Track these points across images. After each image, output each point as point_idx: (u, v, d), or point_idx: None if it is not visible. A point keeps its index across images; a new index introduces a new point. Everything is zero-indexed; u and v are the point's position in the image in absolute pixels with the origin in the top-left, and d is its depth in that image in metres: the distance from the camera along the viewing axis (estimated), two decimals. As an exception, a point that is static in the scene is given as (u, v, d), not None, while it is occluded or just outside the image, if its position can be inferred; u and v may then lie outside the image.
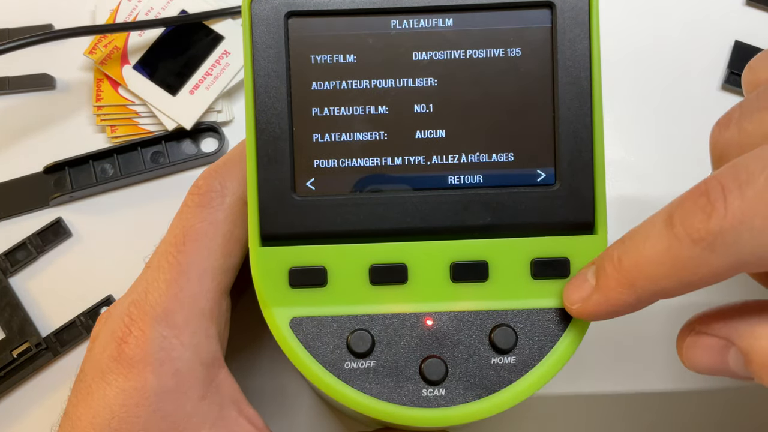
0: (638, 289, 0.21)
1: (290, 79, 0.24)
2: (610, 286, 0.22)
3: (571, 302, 0.24)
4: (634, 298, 0.21)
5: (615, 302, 0.22)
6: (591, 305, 0.23)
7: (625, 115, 0.39)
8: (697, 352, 0.21)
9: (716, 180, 0.19)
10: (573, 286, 0.24)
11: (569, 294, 0.24)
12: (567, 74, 0.24)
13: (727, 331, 0.21)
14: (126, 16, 0.40)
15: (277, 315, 0.25)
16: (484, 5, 0.24)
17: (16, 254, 0.37)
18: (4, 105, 0.40)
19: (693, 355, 0.21)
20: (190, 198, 0.27)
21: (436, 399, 0.24)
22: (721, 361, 0.21)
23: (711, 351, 0.21)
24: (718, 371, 0.21)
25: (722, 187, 0.19)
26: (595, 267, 0.23)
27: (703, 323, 0.21)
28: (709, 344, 0.21)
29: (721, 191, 0.19)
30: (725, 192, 0.19)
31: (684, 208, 0.20)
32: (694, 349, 0.21)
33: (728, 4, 0.41)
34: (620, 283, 0.21)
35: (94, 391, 0.25)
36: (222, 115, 0.39)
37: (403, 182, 0.25)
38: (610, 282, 0.22)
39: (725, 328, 0.21)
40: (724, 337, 0.21)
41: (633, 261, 0.21)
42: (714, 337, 0.21)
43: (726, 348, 0.21)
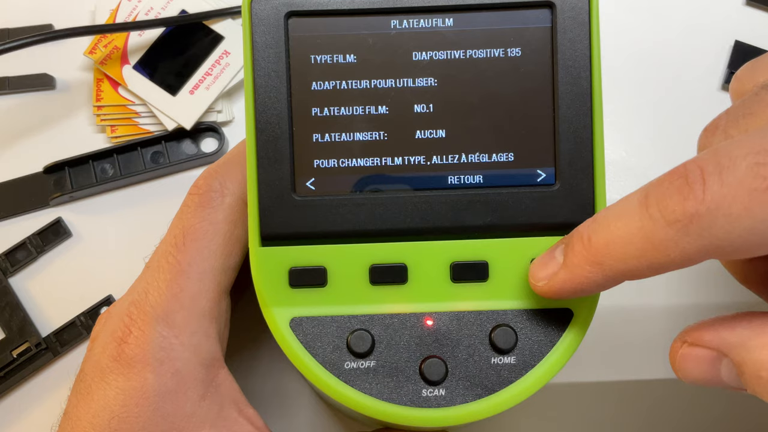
0: (605, 268, 0.21)
1: (290, 79, 0.24)
2: (578, 263, 0.21)
3: (536, 279, 0.23)
4: (601, 277, 0.21)
5: (581, 280, 0.21)
6: (557, 282, 0.22)
7: (625, 115, 0.39)
8: (689, 364, 0.21)
9: (696, 163, 0.19)
10: (540, 262, 0.23)
11: (535, 271, 0.23)
12: (567, 74, 0.24)
13: (719, 342, 0.20)
14: (126, 16, 0.40)
15: (277, 315, 0.25)
16: (484, 5, 0.24)
17: (16, 254, 0.37)
18: (4, 105, 0.40)
19: (685, 366, 0.21)
20: (190, 198, 0.27)
21: (436, 399, 0.24)
22: (714, 373, 0.21)
23: (703, 363, 0.21)
24: (711, 382, 0.21)
25: (701, 171, 0.19)
26: (563, 245, 0.23)
27: (695, 335, 0.21)
28: (701, 356, 0.21)
29: (701, 175, 0.19)
30: (705, 175, 0.19)
31: (661, 189, 0.20)
32: (686, 361, 0.21)
33: (728, 4, 0.41)
34: (588, 261, 0.21)
35: (94, 391, 0.25)
36: (222, 115, 0.39)
37: (403, 182, 0.25)
38: (578, 260, 0.21)
39: (717, 340, 0.20)
40: (716, 349, 0.20)
41: (603, 239, 0.21)
42: (706, 349, 0.21)
43: (718, 360, 0.20)
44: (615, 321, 0.35)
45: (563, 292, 0.22)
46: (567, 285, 0.22)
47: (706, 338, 0.21)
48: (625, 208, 0.20)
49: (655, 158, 0.38)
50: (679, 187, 0.19)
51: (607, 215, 0.21)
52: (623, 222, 0.20)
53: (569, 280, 0.22)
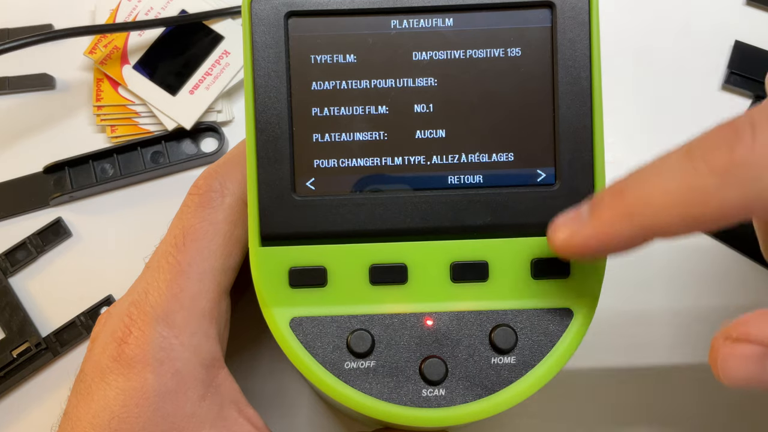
0: (635, 220, 0.19)
1: (290, 79, 0.24)
2: (607, 218, 0.20)
3: (556, 236, 0.21)
4: (629, 231, 0.19)
5: (609, 235, 0.20)
6: (579, 237, 0.21)
7: (625, 115, 0.39)
8: (734, 363, 0.19)
9: (747, 117, 0.18)
10: (563, 219, 0.22)
11: (558, 227, 0.21)
12: (567, 74, 0.24)
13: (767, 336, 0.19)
14: (126, 16, 0.40)
15: (277, 315, 0.25)
16: (484, 5, 0.24)
17: (16, 254, 0.37)
18: (4, 105, 0.40)
19: (730, 366, 0.19)
20: (190, 198, 0.27)
21: (436, 399, 0.24)
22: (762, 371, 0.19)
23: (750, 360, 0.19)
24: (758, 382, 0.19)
25: (752, 122, 0.18)
26: (591, 203, 0.21)
27: (740, 330, 0.19)
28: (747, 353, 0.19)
29: (750, 125, 0.18)
30: (755, 126, 0.18)
31: (707, 140, 0.19)
32: (731, 360, 0.19)
33: (728, 4, 0.41)
34: (617, 212, 0.20)
35: (94, 392, 0.25)
36: (222, 115, 0.39)
37: (403, 182, 0.25)
38: (606, 212, 0.20)
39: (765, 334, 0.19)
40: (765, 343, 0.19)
41: (638, 192, 0.19)
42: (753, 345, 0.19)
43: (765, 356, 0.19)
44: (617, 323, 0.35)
45: (587, 249, 0.21)
46: (591, 241, 0.20)
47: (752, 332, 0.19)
48: (664, 163, 0.19)
49: (655, 158, 0.38)
50: (727, 136, 0.18)
51: (644, 170, 0.20)
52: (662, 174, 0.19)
53: (593, 235, 0.20)
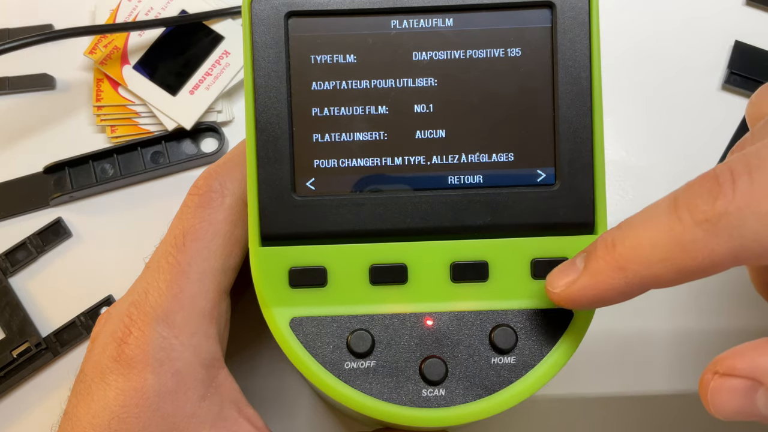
0: (629, 274, 0.20)
1: (290, 79, 0.24)
2: (600, 269, 0.21)
3: (553, 286, 0.22)
4: (624, 284, 0.20)
5: (602, 287, 0.21)
6: (576, 289, 0.21)
7: (625, 115, 0.39)
8: (723, 397, 0.20)
9: (726, 166, 0.19)
10: (559, 270, 0.23)
11: (554, 278, 0.23)
12: (567, 74, 0.24)
13: (754, 369, 0.19)
14: (126, 16, 0.40)
15: (277, 315, 0.25)
16: (484, 5, 0.24)
17: (16, 254, 0.37)
18: (4, 105, 0.40)
19: (719, 400, 0.20)
20: (190, 198, 0.27)
21: (436, 399, 0.24)
22: (750, 404, 0.19)
23: (738, 394, 0.19)
24: (747, 415, 0.20)
25: (731, 172, 0.19)
26: (585, 253, 0.22)
27: (727, 364, 0.20)
28: (735, 387, 0.19)
29: (730, 175, 0.19)
30: (734, 176, 0.18)
31: (690, 191, 0.19)
32: (719, 394, 0.20)
33: (728, 4, 0.41)
34: (611, 266, 0.20)
35: (94, 392, 0.25)
36: (222, 115, 0.39)
37: (403, 182, 0.25)
38: (600, 265, 0.21)
39: (751, 367, 0.19)
40: (751, 377, 0.19)
41: (628, 244, 0.20)
42: (740, 378, 0.19)
43: (753, 389, 0.19)
44: (619, 322, 0.35)
45: (582, 300, 0.22)
46: (587, 291, 0.21)
47: (739, 366, 0.19)
48: (652, 213, 0.20)
49: (655, 158, 0.38)
50: (710, 188, 0.19)
51: (634, 221, 0.21)
52: (651, 226, 0.20)
53: (590, 287, 0.21)
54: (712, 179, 0.19)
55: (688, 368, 0.34)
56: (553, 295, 0.23)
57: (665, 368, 0.34)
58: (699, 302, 0.36)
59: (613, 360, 0.35)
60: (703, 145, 0.39)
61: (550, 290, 0.23)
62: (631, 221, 0.21)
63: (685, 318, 0.35)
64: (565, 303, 0.22)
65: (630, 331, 0.35)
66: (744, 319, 0.35)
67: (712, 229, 0.18)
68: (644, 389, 0.34)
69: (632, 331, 0.35)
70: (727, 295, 0.28)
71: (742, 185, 0.18)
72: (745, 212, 0.18)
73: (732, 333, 0.35)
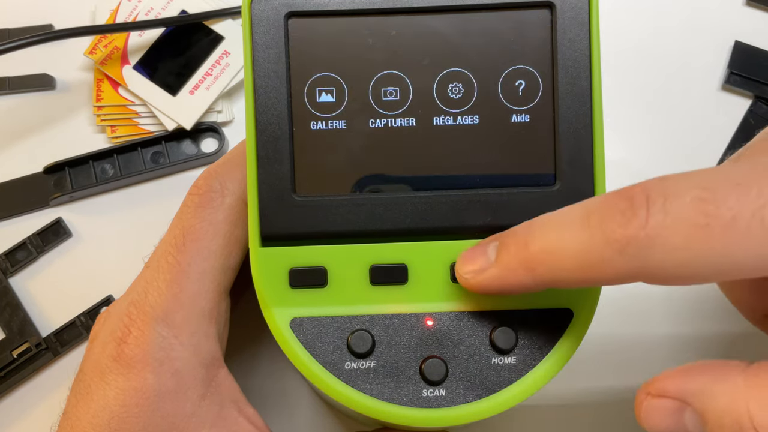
0: (538, 275, 0.21)
1: (290, 79, 0.24)
2: (511, 265, 0.22)
3: (464, 271, 0.23)
4: (532, 282, 0.22)
5: (511, 281, 0.22)
6: (486, 278, 0.23)
7: (625, 115, 0.39)
8: (654, 416, 0.21)
9: (642, 188, 0.19)
10: (469, 255, 0.24)
11: (463, 263, 0.24)
12: (567, 74, 0.24)
13: (681, 391, 0.20)
14: (126, 16, 0.40)
15: (278, 315, 0.25)
16: (484, 5, 0.24)
17: (16, 254, 0.37)
18: (4, 105, 0.40)
19: (650, 418, 0.21)
20: (190, 198, 0.27)
21: (437, 399, 0.24)
22: (679, 424, 0.21)
23: (667, 414, 0.21)
24: None
25: (647, 197, 0.19)
26: (497, 243, 0.23)
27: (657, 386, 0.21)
28: (664, 407, 0.21)
29: (645, 201, 0.19)
30: (649, 202, 0.19)
31: (605, 209, 0.20)
32: (651, 413, 0.21)
33: (728, 4, 0.41)
34: (521, 265, 0.22)
35: (94, 391, 0.25)
36: (222, 115, 0.39)
37: (403, 182, 0.25)
38: (511, 261, 0.22)
39: (678, 389, 0.20)
40: (679, 398, 0.20)
41: (539, 246, 0.21)
42: (669, 399, 0.21)
43: (681, 410, 0.20)
44: (617, 326, 0.35)
45: (490, 289, 0.23)
46: (495, 282, 0.22)
47: (669, 388, 0.21)
48: (565, 220, 0.21)
49: (655, 158, 0.38)
50: (623, 210, 0.19)
51: (547, 223, 0.22)
52: (563, 233, 0.21)
53: (499, 279, 0.22)
54: (627, 200, 0.19)
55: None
56: (461, 278, 0.24)
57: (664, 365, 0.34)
58: (697, 307, 0.36)
59: (611, 365, 0.35)
60: (703, 145, 0.39)
61: (460, 274, 0.24)
62: (545, 222, 0.22)
63: (683, 323, 0.35)
64: (472, 288, 0.23)
65: (628, 336, 0.35)
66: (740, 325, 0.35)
67: (621, 250, 0.19)
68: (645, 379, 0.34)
69: (630, 336, 0.35)
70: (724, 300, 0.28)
71: (655, 213, 0.19)
72: (655, 241, 0.19)
73: (728, 338, 0.35)
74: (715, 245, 0.18)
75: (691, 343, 0.35)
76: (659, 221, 0.19)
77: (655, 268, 0.19)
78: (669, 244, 0.18)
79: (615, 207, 0.20)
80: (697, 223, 0.18)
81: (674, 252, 0.18)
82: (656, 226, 0.19)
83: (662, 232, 0.19)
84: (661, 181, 0.19)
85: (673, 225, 0.18)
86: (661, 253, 0.19)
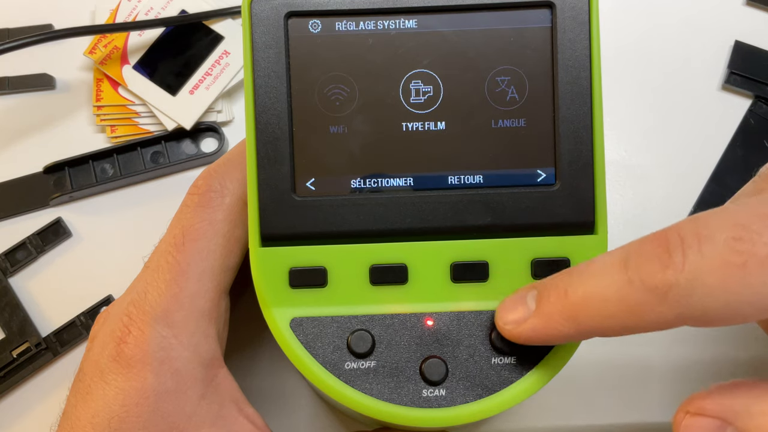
0: (580, 324, 0.21)
1: (290, 79, 0.24)
2: (551, 315, 0.22)
3: (504, 321, 0.23)
4: (574, 331, 0.21)
5: (552, 332, 0.22)
6: (526, 329, 0.23)
7: (625, 115, 0.39)
8: None
9: (677, 232, 0.19)
10: (509, 305, 0.24)
11: (504, 313, 0.24)
12: (567, 74, 0.24)
13: (722, 410, 0.20)
14: (126, 16, 0.40)
15: (278, 315, 0.25)
16: (484, 5, 0.24)
17: (16, 254, 0.37)
18: (4, 105, 0.40)
19: None
20: (190, 198, 0.27)
21: (437, 399, 0.24)
22: None
23: None
24: None
25: (682, 241, 0.19)
26: (536, 292, 0.23)
27: (697, 404, 0.21)
28: (704, 426, 0.20)
29: (681, 244, 0.19)
30: (684, 246, 0.19)
31: (642, 254, 0.20)
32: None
33: (728, 4, 0.41)
34: (562, 314, 0.21)
35: (94, 391, 0.25)
36: (222, 115, 0.39)
37: (403, 182, 0.25)
38: (553, 311, 0.22)
39: (720, 408, 0.20)
40: (720, 417, 0.20)
41: (580, 295, 0.21)
42: (709, 418, 0.20)
43: (722, 429, 0.20)
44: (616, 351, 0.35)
45: (532, 340, 0.23)
46: (537, 333, 0.22)
47: (708, 407, 0.20)
48: (604, 267, 0.21)
49: (655, 158, 0.38)
50: (660, 254, 0.19)
51: (585, 271, 0.21)
52: (602, 281, 0.21)
53: (540, 330, 0.22)
54: (662, 245, 0.19)
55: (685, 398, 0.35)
56: (503, 329, 0.24)
57: (662, 398, 0.34)
58: (698, 332, 0.35)
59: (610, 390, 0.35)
60: (703, 145, 0.39)
61: (501, 325, 0.24)
62: (584, 271, 0.22)
63: (684, 347, 0.35)
64: (513, 339, 0.23)
65: (627, 360, 0.35)
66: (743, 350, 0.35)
67: (661, 297, 0.19)
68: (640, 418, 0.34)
69: (630, 360, 0.35)
70: None
71: (691, 257, 0.19)
72: (694, 284, 0.19)
73: (730, 363, 0.35)
74: (754, 282, 0.18)
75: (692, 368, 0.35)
76: (696, 264, 0.19)
77: (698, 312, 0.19)
78: (708, 287, 0.18)
79: (651, 252, 0.20)
80: (733, 262, 0.18)
81: (714, 294, 0.18)
82: (693, 269, 0.19)
83: (700, 275, 0.19)
84: (693, 222, 0.20)
85: (711, 267, 0.18)
86: (701, 296, 0.19)
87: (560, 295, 0.22)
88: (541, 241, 0.25)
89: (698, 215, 0.20)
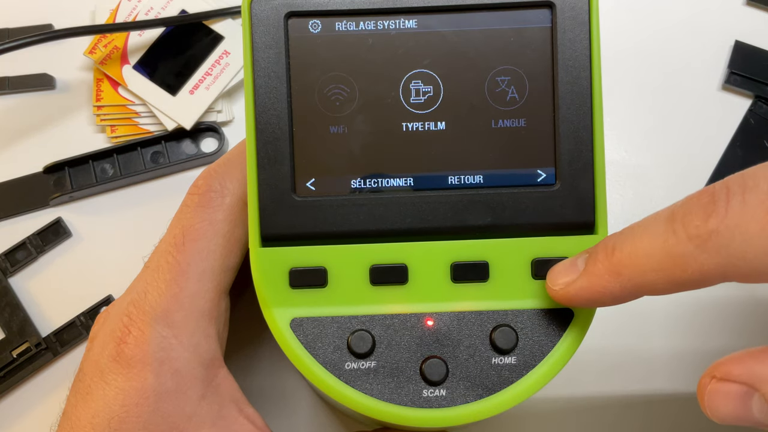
0: (624, 279, 0.21)
1: (290, 79, 0.24)
2: (598, 272, 0.22)
3: (554, 284, 0.23)
4: (619, 287, 0.21)
5: (598, 289, 0.22)
6: (574, 289, 0.23)
7: (625, 115, 0.39)
8: (719, 400, 0.20)
9: (724, 184, 0.20)
10: (561, 268, 0.24)
11: (555, 276, 0.24)
12: (567, 74, 0.24)
13: (749, 376, 0.20)
14: (126, 16, 0.40)
15: (278, 315, 0.25)
16: (484, 5, 0.24)
17: (16, 254, 0.37)
18: (4, 105, 0.40)
19: (715, 403, 0.20)
20: (190, 198, 0.27)
21: (437, 399, 0.24)
22: (745, 410, 0.20)
23: (733, 398, 0.20)
24: (742, 420, 0.20)
25: (727, 191, 0.19)
26: (587, 254, 0.23)
27: (724, 369, 0.20)
28: (731, 391, 0.20)
29: (726, 194, 0.19)
30: (729, 195, 0.19)
31: (687, 206, 0.20)
32: (716, 397, 0.20)
33: (728, 4, 0.41)
34: (607, 270, 0.21)
35: (94, 391, 0.25)
36: (222, 115, 0.39)
37: (403, 182, 0.25)
38: (598, 268, 0.22)
39: (747, 374, 0.20)
40: (746, 383, 0.20)
41: (626, 250, 0.21)
42: (735, 384, 0.20)
43: (749, 395, 0.20)
44: (620, 323, 0.35)
45: (578, 300, 0.23)
46: (583, 292, 0.22)
47: (735, 372, 0.20)
48: (651, 223, 0.21)
49: (655, 158, 0.38)
50: (705, 204, 0.19)
51: (634, 228, 0.21)
52: (648, 235, 0.21)
53: (586, 288, 0.22)
54: (709, 195, 0.20)
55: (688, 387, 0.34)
56: (552, 291, 0.24)
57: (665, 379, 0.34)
58: (698, 322, 0.35)
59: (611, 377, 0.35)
60: (703, 145, 0.39)
61: (550, 287, 0.24)
62: (633, 228, 0.21)
63: (684, 338, 0.35)
64: (562, 301, 0.23)
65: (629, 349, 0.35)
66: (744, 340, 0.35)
67: (702, 245, 0.19)
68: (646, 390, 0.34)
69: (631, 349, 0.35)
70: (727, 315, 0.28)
71: (734, 205, 0.19)
72: (734, 232, 0.19)
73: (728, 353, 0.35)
74: None
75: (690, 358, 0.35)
76: (738, 212, 0.19)
77: (738, 260, 0.19)
78: (749, 234, 0.18)
79: (697, 203, 0.20)
80: None
81: (754, 241, 0.18)
82: (735, 216, 0.19)
83: (742, 222, 0.19)
84: (741, 175, 0.20)
85: (753, 214, 0.18)
86: (742, 243, 0.18)
87: (608, 252, 0.22)
88: (541, 241, 0.25)
89: (747, 169, 0.20)
